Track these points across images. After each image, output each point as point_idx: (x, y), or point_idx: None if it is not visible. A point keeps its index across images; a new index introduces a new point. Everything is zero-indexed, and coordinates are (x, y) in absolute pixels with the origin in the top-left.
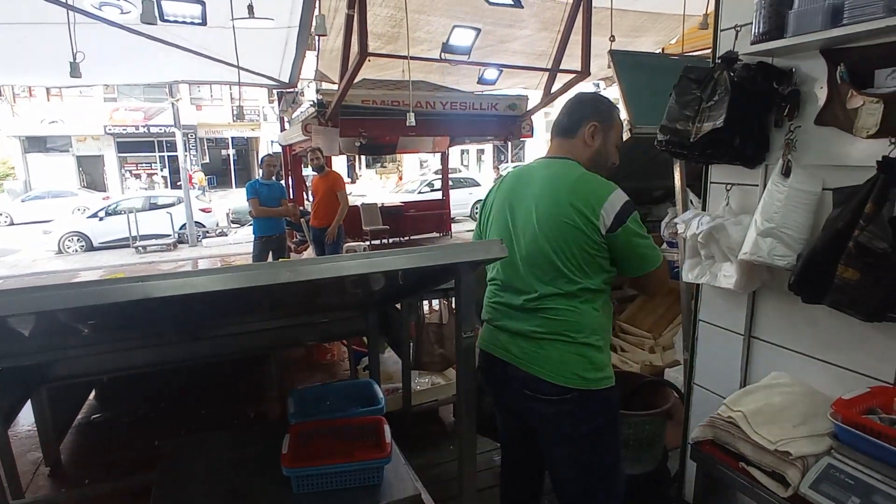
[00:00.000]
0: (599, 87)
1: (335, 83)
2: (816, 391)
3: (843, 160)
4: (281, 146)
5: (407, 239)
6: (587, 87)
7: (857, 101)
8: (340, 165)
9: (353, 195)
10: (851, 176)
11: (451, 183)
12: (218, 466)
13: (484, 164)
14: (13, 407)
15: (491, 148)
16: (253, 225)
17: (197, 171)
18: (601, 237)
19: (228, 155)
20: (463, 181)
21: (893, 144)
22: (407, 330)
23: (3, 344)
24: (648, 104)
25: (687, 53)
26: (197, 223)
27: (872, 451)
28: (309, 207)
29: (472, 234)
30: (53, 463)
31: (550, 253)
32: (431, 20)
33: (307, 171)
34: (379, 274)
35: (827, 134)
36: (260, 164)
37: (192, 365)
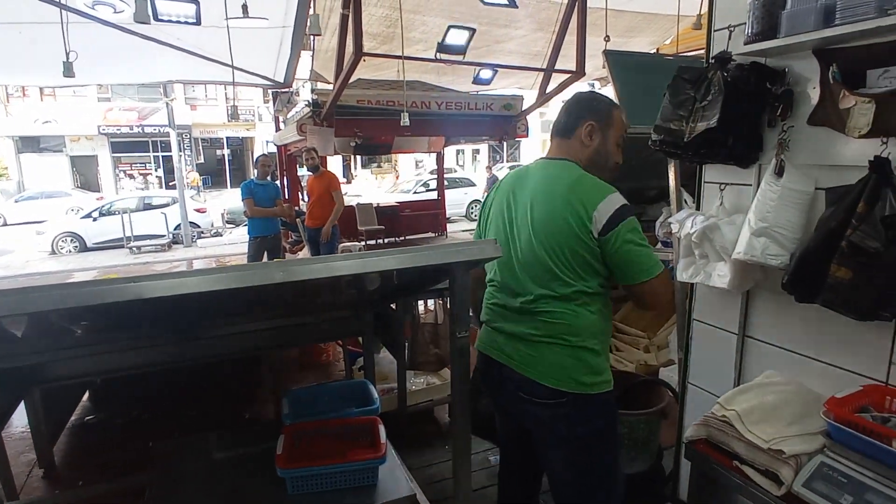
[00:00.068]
0: (594, 87)
1: (330, 83)
2: (809, 390)
3: (835, 160)
4: (276, 146)
5: (402, 239)
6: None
7: (849, 101)
8: (336, 165)
9: (348, 195)
10: (844, 175)
11: (446, 183)
12: (212, 468)
13: (479, 164)
14: (6, 408)
15: (486, 148)
16: (248, 225)
17: (191, 171)
18: (594, 240)
19: (223, 155)
20: (458, 181)
21: (885, 144)
22: (402, 330)
23: None
24: (643, 104)
25: (681, 54)
26: (192, 223)
27: (865, 449)
28: (304, 207)
29: (467, 233)
30: (47, 465)
31: (544, 255)
32: (427, 20)
33: (302, 171)
34: (373, 274)
35: (820, 134)
36: (255, 164)
37: (186, 366)
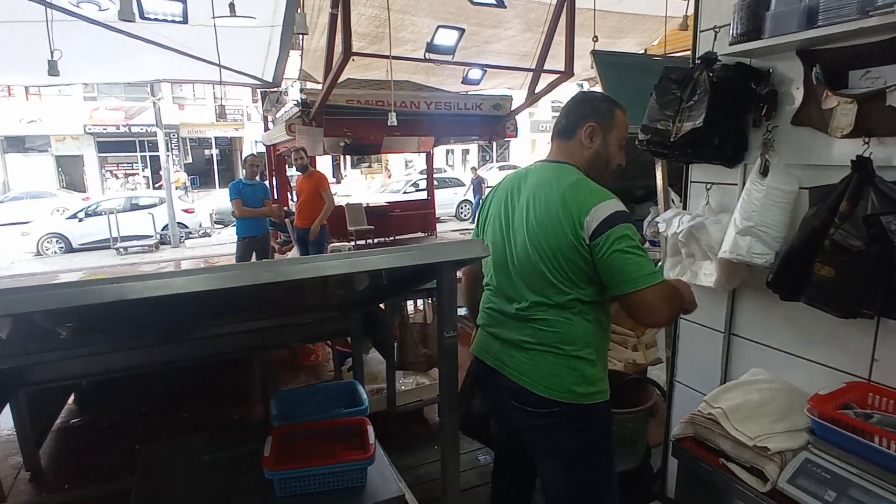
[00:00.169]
0: (583, 87)
1: (319, 83)
2: (794, 387)
3: (818, 159)
4: (265, 146)
5: (392, 239)
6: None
7: (831, 101)
8: (325, 165)
9: (338, 195)
10: (827, 175)
11: (436, 183)
12: (198, 470)
13: (469, 164)
14: None
15: (476, 148)
16: (236, 225)
17: (178, 171)
18: (586, 247)
19: (212, 155)
20: (448, 181)
21: (867, 144)
22: (391, 330)
23: None
24: (630, 104)
25: (669, 55)
26: (179, 224)
27: (847, 445)
28: (293, 208)
29: (457, 233)
30: (34, 468)
31: (539, 262)
32: (416, 20)
33: (291, 171)
34: (361, 274)
35: (803, 134)
36: (243, 164)
37: (173, 368)
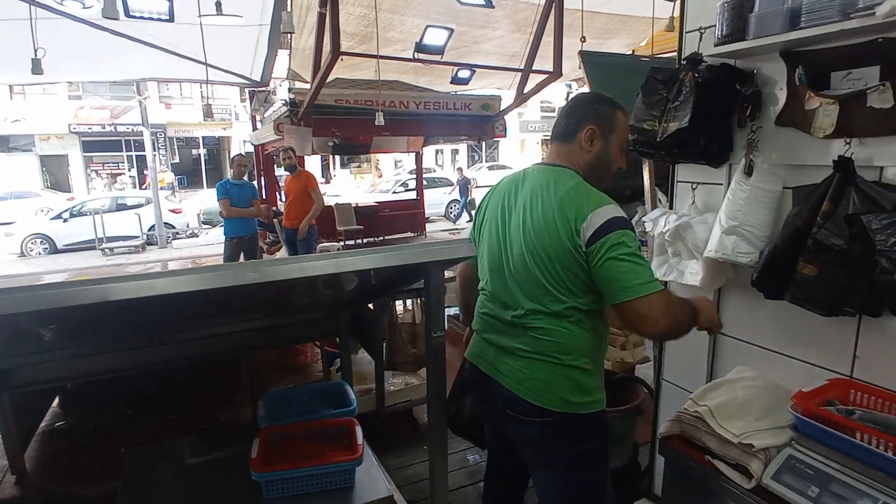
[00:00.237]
0: (572, 87)
1: (308, 82)
2: (778, 384)
3: (802, 160)
4: (253, 145)
5: (381, 239)
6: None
7: (814, 102)
8: (314, 165)
9: (327, 195)
10: (810, 175)
11: (425, 183)
12: (185, 473)
13: (458, 163)
14: None
15: (465, 148)
16: (224, 226)
17: (165, 171)
18: (583, 254)
19: (199, 154)
20: (437, 181)
21: (848, 144)
22: (380, 330)
23: None
24: None
25: (657, 55)
26: (166, 224)
27: (830, 441)
28: (282, 208)
29: (446, 233)
30: (19, 471)
31: (535, 269)
32: (405, 20)
33: (280, 171)
34: (349, 274)
35: (787, 134)
36: (231, 163)
37: (159, 369)
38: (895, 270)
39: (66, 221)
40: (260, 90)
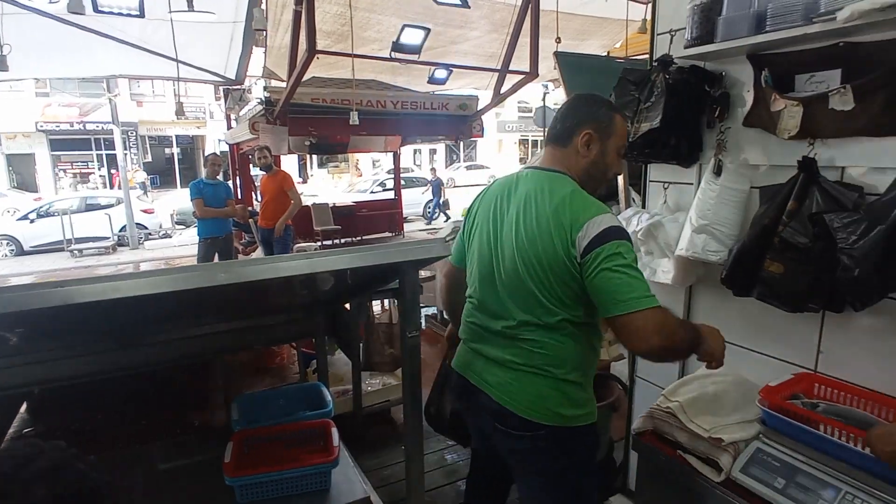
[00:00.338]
0: (548, 87)
1: (283, 81)
2: (747, 380)
3: (768, 160)
4: (228, 144)
5: (359, 239)
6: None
7: (779, 104)
8: (291, 165)
9: (304, 195)
10: (776, 175)
11: (403, 182)
12: (157, 479)
13: (436, 163)
14: None
15: (443, 148)
16: (198, 226)
17: (137, 170)
18: (577, 265)
19: (172, 154)
20: (415, 181)
21: (812, 145)
22: (357, 330)
23: None
24: None
25: (631, 57)
26: (138, 225)
27: (795, 433)
28: (258, 208)
29: (424, 233)
30: None
31: (527, 279)
32: (382, 19)
33: (256, 170)
34: (324, 274)
35: (754, 135)
36: (204, 163)
37: (130, 373)
38: (856, 267)
39: (33, 222)
40: (235, 88)
